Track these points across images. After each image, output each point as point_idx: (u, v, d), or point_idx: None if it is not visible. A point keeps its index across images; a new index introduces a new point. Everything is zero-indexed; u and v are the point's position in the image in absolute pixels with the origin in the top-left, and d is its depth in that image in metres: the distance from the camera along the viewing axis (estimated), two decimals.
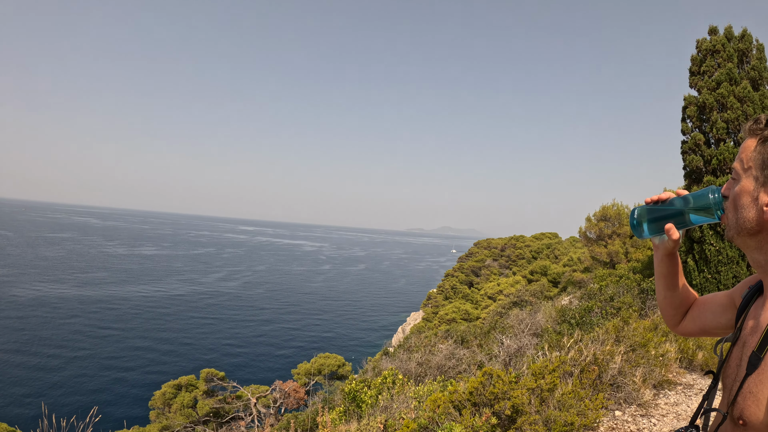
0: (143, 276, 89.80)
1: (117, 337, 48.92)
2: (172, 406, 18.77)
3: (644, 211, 1.73)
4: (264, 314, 66.84)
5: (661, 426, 6.28)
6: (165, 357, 44.52)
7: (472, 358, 12.45)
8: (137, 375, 39.56)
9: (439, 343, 16.71)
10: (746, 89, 14.85)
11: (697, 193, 1.59)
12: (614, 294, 15.47)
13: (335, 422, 7.28)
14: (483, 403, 5.61)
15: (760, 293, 1.54)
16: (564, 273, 42.18)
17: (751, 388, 1.31)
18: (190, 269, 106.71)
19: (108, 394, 35.37)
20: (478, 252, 70.98)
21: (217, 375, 19.77)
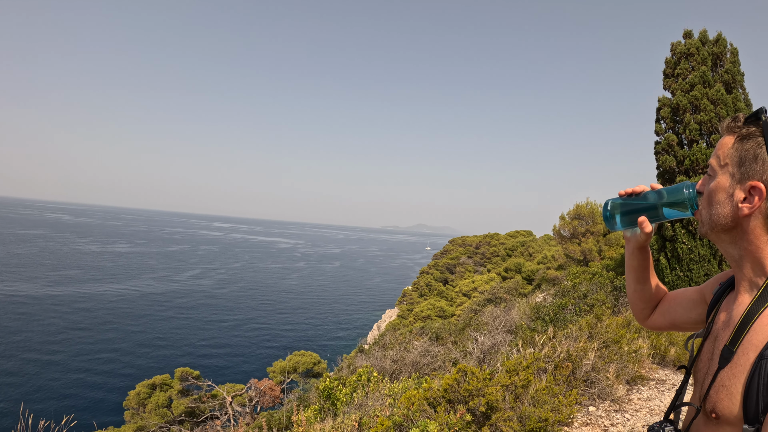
0: (117, 274, 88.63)
1: (90, 336, 48.18)
2: (147, 406, 18.56)
3: (618, 203, 1.72)
4: (239, 312, 66.37)
5: (634, 421, 6.33)
6: (139, 356, 43.98)
7: (447, 355, 12.48)
8: (111, 375, 39.02)
9: (414, 340, 16.73)
10: (719, 92, 15.07)
11: (672, 187, 1.59)
12: (588, 291, 15.59)
13: (310, 421, 7.23)
14: (458, 400, 5.61)
15: (732, 288, 1.55)
16: (538, 270, 42.48)
17: (723, 381, 1.31)
18: (164, 267, 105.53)
19: (81, 395, 34.81)
20: (453, 249, 71.23)
21: (191, 374, 19.60)
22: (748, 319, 1.31)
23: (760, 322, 1.28)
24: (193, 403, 18.85)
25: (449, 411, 5.48)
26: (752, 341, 1.27)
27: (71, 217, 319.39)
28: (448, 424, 5.12)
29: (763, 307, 1.29)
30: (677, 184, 1.59)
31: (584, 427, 6.15)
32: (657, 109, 16.43)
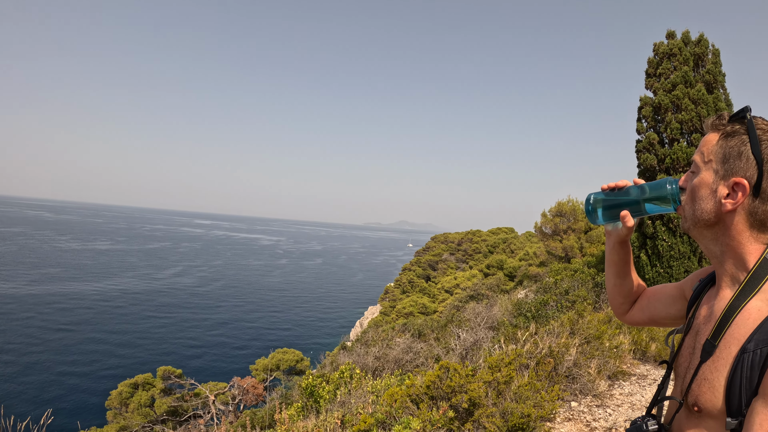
0: (97, 272, 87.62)
1: (71, 335, 47.51)
2: (129, 405, 18.39)
3: (600, 198, 1.73)
4: (221, 310, 65.92)
5: (616, 416, 6.38)
6: (121, 355, 43.45)
7: (430, 351, 12.49)
8: (93, 375, 38.52)
9: (397, 336, 16.75)
10: (701, 92, 15.23)
11: (654, 183, 1.60)
12: (569, 287, 15.68)
13: (293, 419, 7.19)
14: (440, 396, 5.61)
15: (713, 284, 1.57)
16: (520, 267, 42.67)
17: (705, 374, 1.34)
18: (146, 264, 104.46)
19: (63, 395, 34.37)
20: (435, 246, 71.43)
21: (174, 372, 19.44)
22: (729, 314, 1.33)
23: (741, 316, 1.30)
24: (176, 402, 18.71)
25: (432, 408, 5.48)
26: (734, 335, 1.29)
27: (51, 215, 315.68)
28: (431, 421, 5.12)
29: (745, 302, 1.31)
30: (660, 179, 1.59)
31: (567, 422, 6.18)
32: (639, 108, 16.56)
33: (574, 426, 6.06)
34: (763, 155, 1.30)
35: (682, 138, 15.43)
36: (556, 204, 30.73)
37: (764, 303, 1.28)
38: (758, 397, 1.18)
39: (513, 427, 5.26)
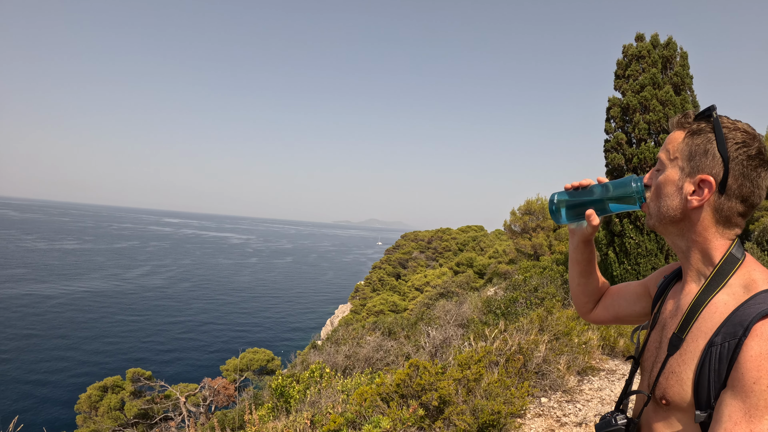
0: (65, 272, 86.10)
1: (38, 338, 46.52)
2: (99, 409, 18.08)
3: (564, 197, 1.72)
4: (191, 309, 65.24)
5: (586, 411, 6.43)
6: (89, 358, 42.67)
7: (400, 349, 12.49)
8: (61, 378, 37.79)
9: (367, 335, 16.72)
10: (669, 93, 15.49)
11: (618, 181, 1.60)
12: (538, 285, 15.81)
13: (264, 420, 7.13)
14: (410, 394, 5.59)
15: (678, 279, 1.59)
16: (490, 265, 42.95)
17: (673, 368, 1.36)
18: (114, 264, 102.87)
19: (30, 400, 33.61)
20: (406, 244, 71.61)
21: (143, 374, 19.18)
22: (696, 308, 1.35)
23: (708, 310, 1.32)
24: (146, 404, 18.45)
25: (402, 406, 5.45)
26: (701, 328, 1.31)
27: (17, 213, 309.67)
28: (401, 419, 5.10)
29: (711, 296, 1.33)
30: (624, 177, 1.59)
31: (537, 418, 6.21)
32: (607, 109, 16.78)
33: (544, 422, 6.10)
34: (729, 153, 1.32)
35: (649, 138, 15.68)
36: (526, 202, 31.03)
37: (730, 297, 1.30)
38: (727, 388, 1.20)
39: (483, 424, 5.26)
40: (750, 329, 1.18)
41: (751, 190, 1.33)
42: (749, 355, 1.16)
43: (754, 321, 1.18)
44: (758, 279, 1.30)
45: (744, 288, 1.30)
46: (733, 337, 1.21)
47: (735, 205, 1.34)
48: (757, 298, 1.24)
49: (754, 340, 1.16)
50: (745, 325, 1.19)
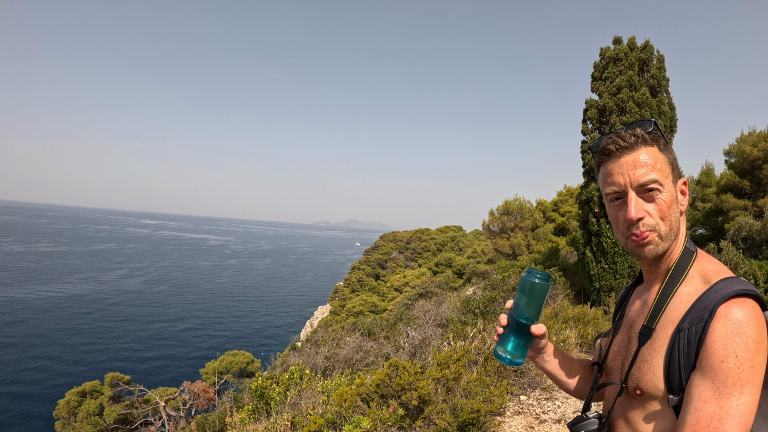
0: (41, 275, 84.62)
1: (15, 343, 45.66)
2: (78, 414, 17.80)
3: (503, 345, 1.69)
4: (169, 312, 64.49)
5: (565, 408, 6.49)
6: (67, 363, 41.96)
7: (379, 350, 12.49)
8: (39, 384, 37.05)
9: (347, 336, 16.70)
10: (645, 95, 15.67)
11: (519, 290, 1.65)
12: (516, 284, 15.87)
13: (244, 422, 7.10)
14: (390, 394, 5.60)
15: (640, 283, 1.68)
16: (468, 264, 43.08)
17: (645, 357, 1.42)
18: (91, 267, 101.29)
19: (8, 407, 32.77)
20: (384, 245, 71.63)
21: (122, 379, 18.92)
22: (663, 298, 1.43)
23: (674, 302, 1.40)
24: (126, 409, 18.20)
25: (382, 406, 5.47)
26: (669, 318, 1.39)
27: None
28: (382, 419, 5.11)
29: (675, 288, 1.42)
30: (520, 283, 1.65)
31: (516, 416, 6.25)
32: (584, 110, 16.91)
33: (524, 419, 6.14)
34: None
35: None
36: (504, 202, 31.16)
37: (692, 288, 1.38)
38: (696, 370, 1.28)
39: (463, 423, 5.29)
40: (715, 312, 1.26)
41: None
42: (715, 335, 1.24)
43: (718, 304, 1.26)
44: (714, 270, 1.40)
45: (703, 279, 1.39)
46: (699, 321, 1.29)
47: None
48: (717, 285, 1.33)
49: (720, 322, 1.25)
50: (710, 309, 1.27)
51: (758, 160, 17.90)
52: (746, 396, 1.19)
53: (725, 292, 1.28)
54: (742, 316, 1.23)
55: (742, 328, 1.22)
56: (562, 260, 22.75)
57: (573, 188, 30.74)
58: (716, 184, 20.05)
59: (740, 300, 1.26)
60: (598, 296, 15.35)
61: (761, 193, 18.18)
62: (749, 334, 1.21)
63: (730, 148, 19.58)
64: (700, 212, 20.02)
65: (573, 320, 10.33)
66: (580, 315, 10.72)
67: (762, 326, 1.25)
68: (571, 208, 29.33)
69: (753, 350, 1.21)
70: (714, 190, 19.76)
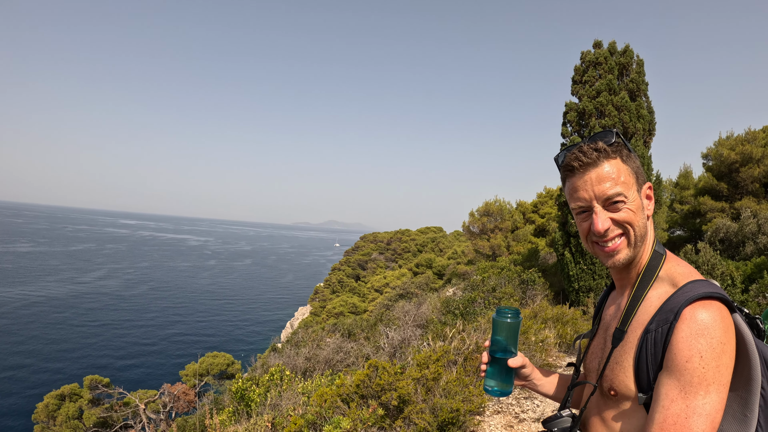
0: (19, 276, 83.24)
1: None
2: (57, 418, 17.55)
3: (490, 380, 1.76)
4: (149, 314, 63.75)
5: (544, 407, 6.56)
6: (46, 365, 41.22)
7: (360, 350, 12.50)
8: (17, 387, 36.38)
9: (327, 336, 16.68)
10: (624, 99, 15.85)
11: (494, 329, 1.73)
12: (496, 285, 15.96)
13: (225, 424, 7.07)
14: (370, 395, 5.62)
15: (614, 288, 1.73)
16: (448, 265, 43.21)
17: (617, 358, 1.47)
18: (69, 267, 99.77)
19: None
20: (365, 246, 71.61)
21: (101, 381, 18.68)
22: (634, 302, 1.48)
23: (644, 305, 1.45)
24: (105, 412, 17.98)
25: (362, 406, 5.48)
26: (639, 320, 1.44)
27: None
28: (362, 419, 5.13)
29: (646, 291, 1.46)
30: (493, 323, 1.73)
31: (496, 415, 6.30)
32: (564, 113, 17.07)
33: (503, 418, 6.19)
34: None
35: None
36: (484, 204, 31.29)
37: (662, 291, 1.43)
38: (663, 370, 1.32)
39: (443, 422, 5.32)
40: (680, 314, 1.30)
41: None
42: (680, 336, 1.28)
43: (683, 306, 1.31)
44: (682, 273, 1.44)
45: (671, 282, 1.43)
46: (665, 323, 1.34)
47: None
48: (684, 288, 1.37)
49: (684, 323, 1.29)
50: (675, 311, 1.32)
51: (735, 163, 18.16)
52: (712, 395, 1.23)
53: (691, 294, 1.32)
54: (707, 317, 1.27)
55: (706, 330, 1.25)
56: (542, 261, 22.91)
57: (553, 190, 30.96)
58: (694, 187, 20.29)
59: (705, 302, 1.30)
60: (577, 296, 15.48)
61: (738, 195, 18.43)
62: (714, 335, 1.25)
63: (708, 151, 19.84)
64: (679, 214, 20.25)
65: (552, 320, 10.41)
66: (559, 315, 10.82)
67: (728, 327, 1.28)
68: (551, 209, 29.54)
69: (718, 350, 1.24)
70: (692, 193, 19.99)
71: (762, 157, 17.81)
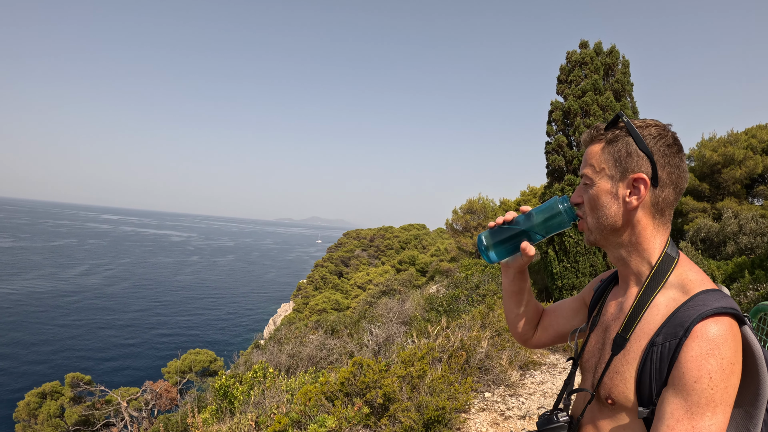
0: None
1: None
2: (39, 416, 17.39)
3: (492, 235, 1.68)
4: (131, 310, 63.09)
5: (529, 404, 6.57)
6: (27, 363, 40.61)
7: (343, 348, 12.47)
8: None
9: (310, 333, 16.64)
10: (609, 99, 15.98)
11: (543, 206, 1.61)
12: (479, 282, 16.00)
13: (207, 422, 7.00)
14: (355, 393, 5.60)
15: (616, 282, 1.63)
16: (432, 263, 43.29)
17: (617, 367, 1.40)
18: (50, 263, 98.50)
19: None
20: (348, 242, 71.59)
21: (83, 379, 18.52)
22: (639, 308, 1.40)
23: (650, 312, 1.37)
24: (87, 410, 17.83)
25: (347, 404, 5.45)
26: (644, 329, 1.36)
27: None
28: (347, 418, 5.10)
29: (652, 297, 1.38)
30: (548, 201, 1.61)
31: (481, 412, 6.30)
32: (549, 112, 17.17)
33: (488, 415, 6.19)
34: (650, 148, 1.39)
35: None
36: (467, 201, 31.38)
37: (670, 299, 1.36)
38: (668, 387, 1.26)
39: (429, 420, 5.30)
40: (690, 330, 1.24)
41: (678, 175, 1.41)
42: (690, 355, 1.22)
43: (694, 323, 1.24)
44: (694, 280, 1.37)
45: (681, 289, 1.36)
46: (673, 338, 1.27)
47: (669, 194, 1.41)
48: (696, 299, 1.30)
49: (695, 341, 1.22)
50: (685, 327, 1.25)
51: (717, 165, 18.35)
52: (719, 416, 1.19)
53: (703, 309, 1.26)
54: (719, 336, 1.22)
55: (717, 349, 1.21)
56: None
57: (536, 188, 31.11)
58: None
59: (717, 318, 1.24)
60: (561, 294, 15.57)
61: (720, 196, 18.63)
62: (724, 355, 1.20)
63: (691, 152, 20.04)
64: None
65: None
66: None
67: (738, 346, 1.24)
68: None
69: (728, 371, 1.20)
70: None
71: (744, 158, 18.00)
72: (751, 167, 17.95)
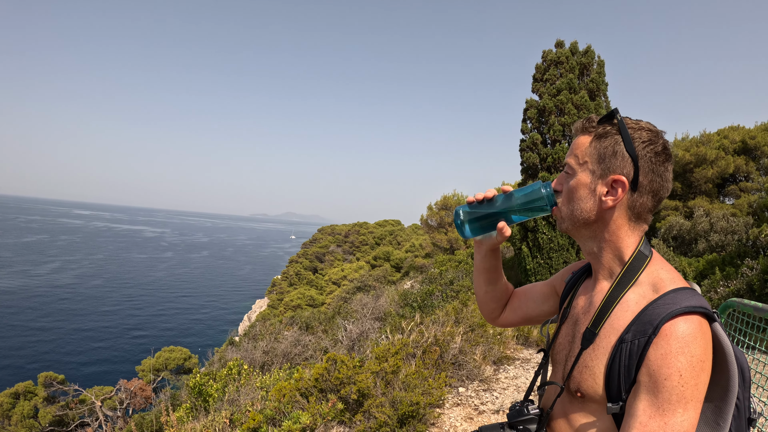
0: None
1: None
2: (12, 417, 17.07)
3: (469, 211, 1.67)
4: (104, 307, 62.22)
5: (503, 398, 6.63)
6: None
7: (318, 344, 12.47)
8: None
9: (285, 330, 16.60)
10: (584, 98, 16.15)
11: (526, 188, 1.60)
12: (454, 278, 16.09)
13: (182, 420, 6.96)
14: (329, 389, 5.61)
15: (588, 275, 1.64)
16: (406, 258, 43.37)
17: (586, 362, 1.40)
18: (21, 260, 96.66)
19: None
20: (323, 238, 71.45)
21: (56, 378, 18.23)
22: (608, 304, 1.40)
23: (620, 308, 1.38)
24: (61, 410, 17.56)
25: (321, 400, 5.47)
26: (613, 325, 1.37)
27: None
28: (321, 414, 5.11)
29: (623, 293, 1.39)
30: (531, 184, 1.60)
31: (455, 407, 6.34)
32: (524, 110, 17.30)
33: (462, 410, 6.24)
34: (637, 152, 1.38)
35: (564, 139, 16.31)
36: (442, 197, 31.47)
37: (640, 296, 1.36)
38: (639, 385, 1.26)
39: (403, 415, 5.33)
40: (659, 329, 1.25)
41: (660, 185, 1.40)
42: (659, 353, 1.23)
43: (663, 321, 1.25)
44: (665, 278, 1.37)
45: (652, 287, 1.37)
46: (643, 335, 1.27)
47: (647, 201, 1.40)
48: (665, 298, 1.31)
49: (664, 339, 1.23)
50: (654, 325, 1.26)
51: (690, 164, 18.60)
52: (690, 412, 1.20)
53: (672, 308, 1.26)
54: (688, 335, 1.22)
55: (687, 347, 1.21)
56: None
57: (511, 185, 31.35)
58: None
59: (687, 317, 1.25)
60: None
61: (692, 195, 18.90)
62: (694, 353, 1.21)
63: None
64: None
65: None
66: None
67: (708, 344, 1.25)
68: None
69: (697, 369, 1.21)
70: None
71: (716, 158, 18.27)
72: (723, 167, 18.23)
